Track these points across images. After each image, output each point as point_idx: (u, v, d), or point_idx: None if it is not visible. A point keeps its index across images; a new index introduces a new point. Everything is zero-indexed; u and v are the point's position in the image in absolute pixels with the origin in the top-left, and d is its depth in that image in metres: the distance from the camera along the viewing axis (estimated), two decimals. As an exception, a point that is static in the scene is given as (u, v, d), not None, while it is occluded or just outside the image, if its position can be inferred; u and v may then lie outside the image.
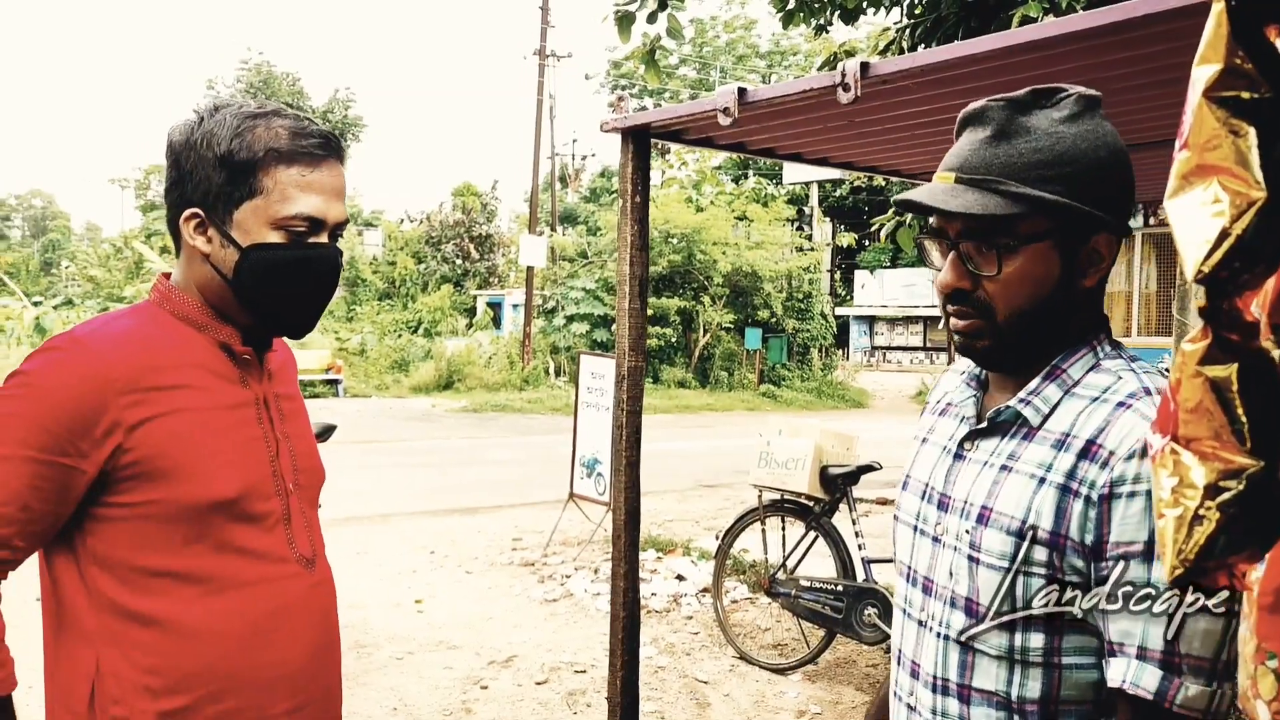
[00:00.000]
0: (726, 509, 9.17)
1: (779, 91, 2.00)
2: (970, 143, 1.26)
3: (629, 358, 2.26)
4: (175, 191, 1.50)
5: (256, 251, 1.46)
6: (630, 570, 2.25)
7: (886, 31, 6.43)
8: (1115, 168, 1.23)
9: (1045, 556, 1.20)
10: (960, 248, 1.26)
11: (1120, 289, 13.02)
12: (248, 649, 1.47)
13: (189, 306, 1.52)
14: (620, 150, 2.32)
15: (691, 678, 5.02)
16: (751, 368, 25.31)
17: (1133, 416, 1.18)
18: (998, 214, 1.20)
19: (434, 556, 7.42)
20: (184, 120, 1.51)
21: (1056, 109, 1.24)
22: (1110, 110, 2.34)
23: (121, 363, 1.39)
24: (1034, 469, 1.23)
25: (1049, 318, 1.26)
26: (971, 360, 1.35)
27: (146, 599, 1.42)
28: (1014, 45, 1.77)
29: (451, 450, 13.97)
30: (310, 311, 1.55)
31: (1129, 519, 1.14)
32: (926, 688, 1.33)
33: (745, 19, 40.25)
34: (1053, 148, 1.21)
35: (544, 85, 27.20)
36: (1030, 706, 1.22)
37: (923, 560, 1.36)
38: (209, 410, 1.48)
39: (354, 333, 28.41)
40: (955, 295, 1.28)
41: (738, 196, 29.13)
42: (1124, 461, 1.16)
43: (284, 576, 1.52)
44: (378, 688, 4.76)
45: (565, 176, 42.36)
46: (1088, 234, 1.23)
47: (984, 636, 1.25)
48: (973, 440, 1.33)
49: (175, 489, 1.41)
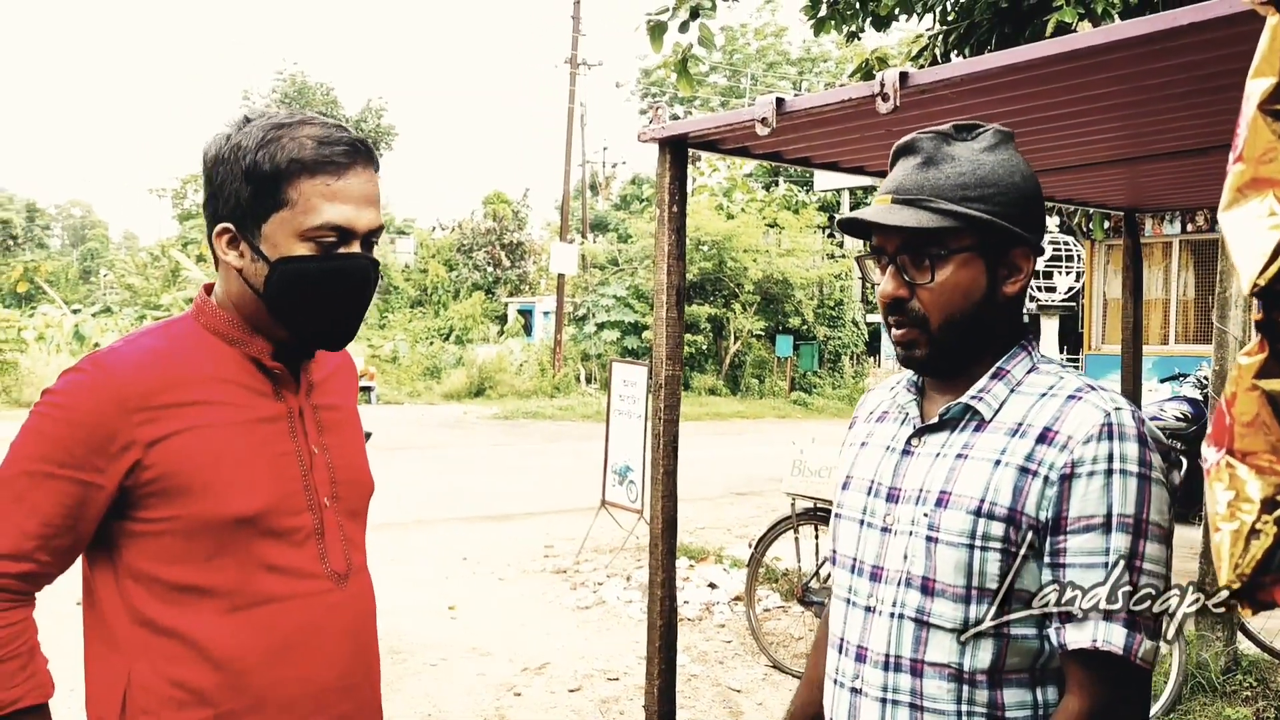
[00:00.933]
0: (758, 517, 9.15)
1: (817, 101, 2.00)
2: (903, 169, 1.43)
3: (666, 366, 2.26)
4: (209, 206, 1.50)
5: (285, 265, 1.45)
6: (668, 579, 2.25)
7: (919, 38, 6.40)
8: (1028, 191, 1.40)
9: (1001, 531, 1.32)
10: (898, 260, 1.41)
11: (1157, 296, 12.86)
12: (274, 665, 1.46)
13: (221, 320, 1.52)
14: (657, 160, 2.33)
15: (724, 686, 5.00)
16: (782, 375, 25.23)
17: (1085, 407, 1.33)
18: (929, 227, 1.36)
19: (467, 563, 7.45)
20: (216, 134, 1.50)
21: (977, 140, 1.42)
22: (1153, 118, 2.33)
23: (136, 382, 1.40)
24: (991, 454, 1.36)
25: (977, 324, 1.41)
26: (912, 369, 1.49)
27: (174, 612, 1.43)
28: (1055, 54, 1.75)
29: (483, 457, 14.03)
30: (346, 322, 1.52)
31: (1090, 494, 1.29)
32: (876, 667, 1.42)
33: (776, 26, 40.18)
34: (974, 172, 1.38)
35: (575, 93, 27.32)
36: (980, 676, 1.34)
37: (870, 550, 1.46)
38: (235, 425, 1.47)
39: (386, 340, 28.60)
40: (893, 305, 1.42)
41: (769, 204, 29.07)
42: (1082, 445, 1.30)
43: (313, 593, 1.50)
44: (412, 694, 4.79)
45: (596, 184, 42.47)
46: (1007, 248, 1.39)
47: (939, 611, 1.36)
48: (920, 437, 1.46)
49: (195, 505, 1.41)
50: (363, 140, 1.51)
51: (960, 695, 1.35)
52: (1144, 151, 2.66)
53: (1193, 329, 12.90)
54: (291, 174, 1.43)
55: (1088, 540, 1.28)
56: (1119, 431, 1.30)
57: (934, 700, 1.36)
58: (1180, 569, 6.99)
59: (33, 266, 35.00)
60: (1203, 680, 4.58)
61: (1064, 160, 2.68)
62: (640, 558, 7.42)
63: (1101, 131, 2.39)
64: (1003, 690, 1.34)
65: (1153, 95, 2.08)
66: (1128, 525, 1.28)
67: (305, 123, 1.47)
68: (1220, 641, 4.67)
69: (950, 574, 1.35)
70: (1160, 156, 2.68)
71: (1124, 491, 1.29)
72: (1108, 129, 2.39)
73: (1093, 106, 2.18)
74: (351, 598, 1.57)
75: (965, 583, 1.34)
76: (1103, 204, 3.50)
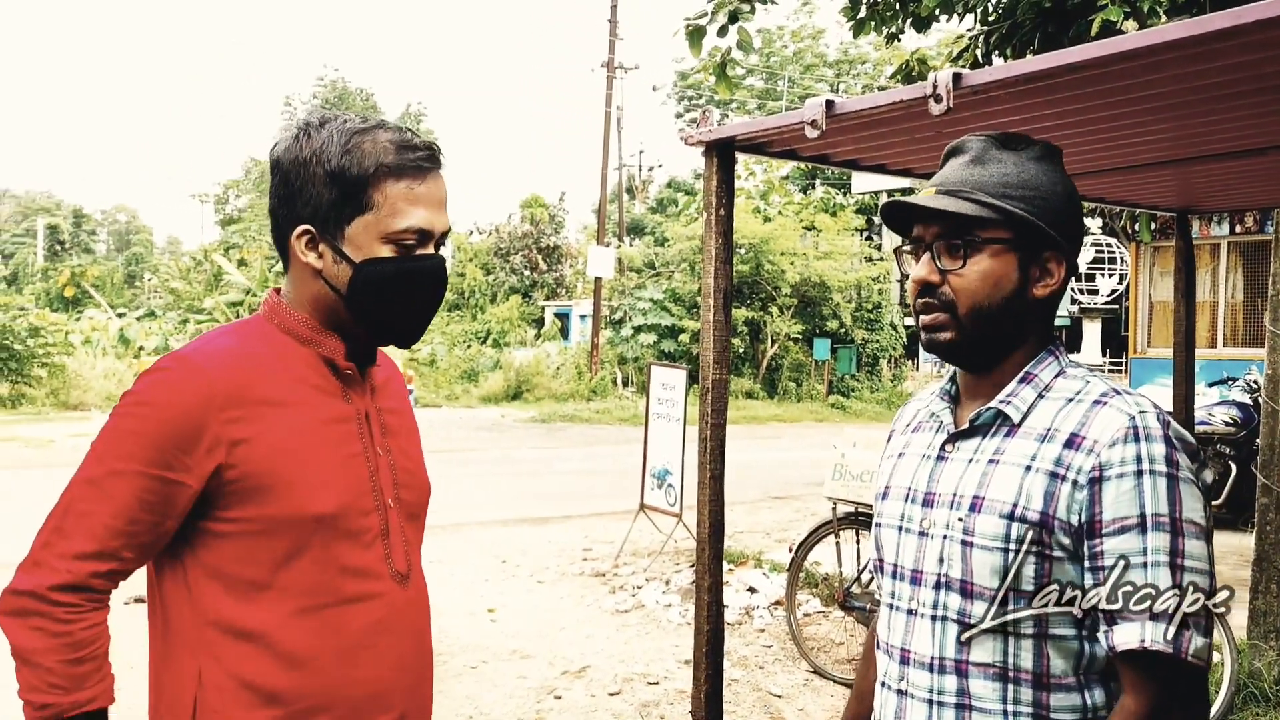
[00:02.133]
0: (797, 521, 9.10)
1: (868, 103, 1.99)
2: (952, 166, 1.49)
3: (713, 370, 2.25)
4: (285, 208, 1.51)
5: (370, 266, 1.48)
6: (714, 583, 2.24)
7: (960, 39, 6.34)
8: (1068, 203, 1.45)
9: (1035, 535, 1.35)
10: (934, 248, 1.45)
11: (1205, 299, 12.64)
12: (344, 665, 1.47)
13: (295, 321, 1.53)
14: (704, 163, 2.32)
15: (765, 691, 4.98)
16: (820, 378, 25.10)
17: (1110, 411, 1.36)
18: (967, 214, 1.41)
19: (506, 566, 7.47)
20: (287, 136, 1.51)
21: (1026, 151, 1.47)
22: (1207, 118, 2.29)
23: (224, 379, 1.42)
24: (1021, 459, 1.39)
25: (1004, 318, 1.44)
26: (936, 354, 1.50)
27: (247, 612, 1.43)
28: (1111, 54, 1.73)
29: (521, 460, 14.08)
30: (421, 320, 1.57)
31: (1122, 497, 1.31)
32: (922, 669, 1.44)
33: (813, 28, 40.04)
34: (1019, 174, 1.43)
35: (611, 97, 27.36)
36: (1024, 675, 1.36)
37: (909, 555, 1.49)
38: (312, 426, 1.48)
39: (424, 343, 28.79)
40: (924, 290, 1.46)
41: (805, 206, 28.95)
42: (1108, 448, 1.33)
43: (381, 593, 1.52)
44: (454, 696, 4.81)
45: (632, 188, 42.51)
46: (1041, 250, 1.43)
47: (978, 613, 1.38)
48: (954, 443, 1.49)
49: (276, 504, 1.42)
50: (436, 145, 1.54)
51: (1006, 695, 1.37)
52: (1197, 152, 2.62)
53: (1241, 332, 12.67)
54: (379, 178, 1.46)
55: (1124, 542, 1.30)
56: (1144, 433, 1.33)
57: (980, 700, 1.39)
58: (1231, 576, 6.88)
59: (79, 271, 35.61)
60: (1255, 690, 4.49)
61: (1116, 161, 2.64)
62: (679, 561, 7.41)
63: (1154, 132, 2.35)
64: (1050, 693, 1.36)
65: (1208, 95, 2.04)
66: (1164, 524, 1.30)
67: (382, 128, 1.50)
68: (1273, 651, 4.58)
69: (985, 576, 1.37)
70: (1214, 157, 2.64)
71: (1154, 491, 1.30)
72: (1161, 129, 2.35)
73: (1146, 107, 2.14)
74: (413, 598, 1.59)
75: (1000, 584, 1.37)
76: (1154, 205, 3.44)
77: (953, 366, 1.55)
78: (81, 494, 1.40)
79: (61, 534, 1.39)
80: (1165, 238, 11.38)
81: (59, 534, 1.39)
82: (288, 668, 1.44)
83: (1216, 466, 7.92)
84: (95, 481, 1.39)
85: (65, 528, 1.39)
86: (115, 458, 1.39)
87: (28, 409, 19.36)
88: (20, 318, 21.37)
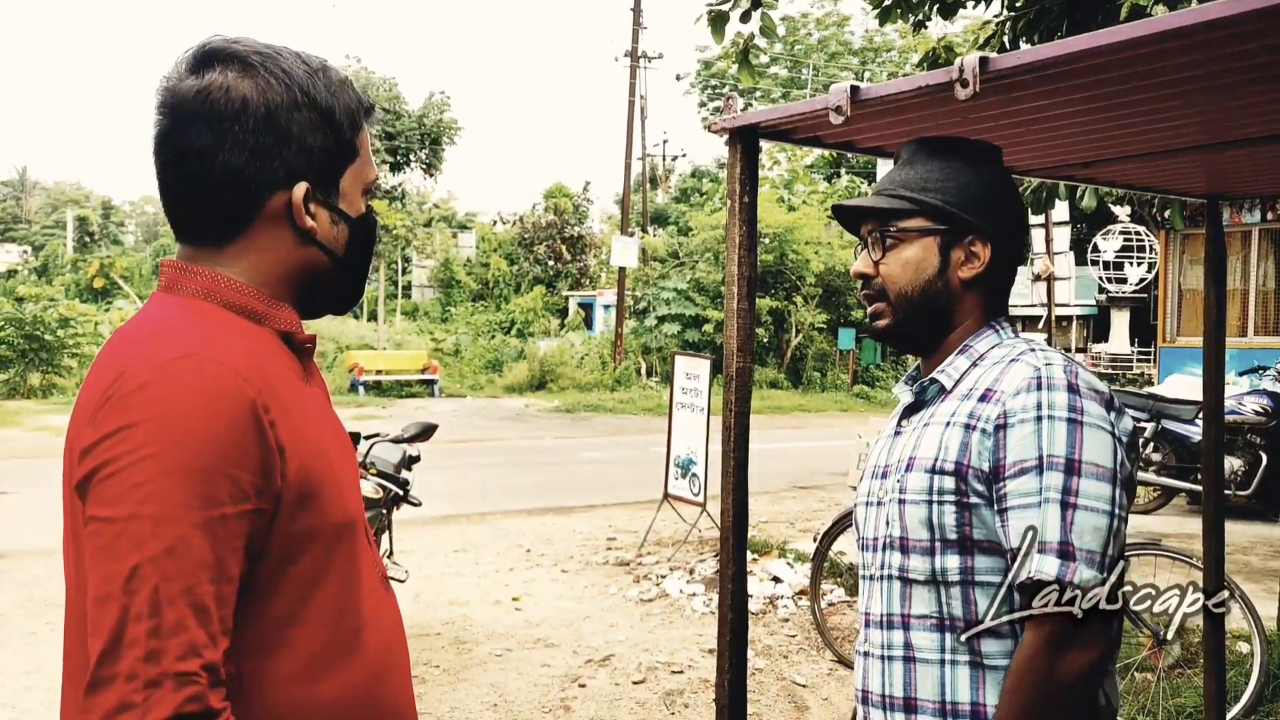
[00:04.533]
0: (821, 511, 9.07)
1: (893, 89, 1.96)
2: (889, 171, 1.67)
3: (737, 358, 2.24)
4: (266, 161, 1.18)
5: (363, 223, 1.29)
6: (738, 572, 2.23)
7: (987, 25, 6.27)
8: (995, 190, 1.59)
9: (952, 485, 1.44)
10: (868, 241, 1.62)
11: (1236, 287, 12.48)
12: (371, 705, 1.22)
13: (248, 295, 1.21)
14: (728, 151, 2.30)
15: (789, 681, 4.98)
16: (844, 368, 25.01)
17: (1020, 365, 1.46)
18: (885, 209, 1.59)
19: (530, 555, 7.50)
20: (246, 70, 1.18)
21: (954, 151, 1.62)
22: (1241, 101, 2.25)
23: (249, 369, 1.11)
24: (945, 418, 1.50)
25: (929, 300, 1.57)
26: (878, 340, 1.68)
27: (266, 661, 1.12)
28: (1144, 36, 1.69)
29: (545, 450, 14.12)
30: (365, 280, 1.40)
31: (1022, 441, 1.39)
32: (877, 628, 1.54)
33: (838, 16, 39.78)
34: (941, 169, 1.59)
35: (635, 87, 27.30)
36: (959, 623, 1.45)
37: (869, 526, 1.59)
38: (311, 415, 1.21)
39: (449, 333, 28.92)
40: (862, 282, 1.63)
41: (830, 195, 28.80)
42: (1011, 397, 1.42)
43: (383, 604, 1.28)
44: (478, 684, 4.83)
45: (656, 177, 42.43)
46: (962, 235, 1.56)
47: (914, 566, 1.48)
48: (906, 417, 1.62)
49: (316, 516, 1.15)
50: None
51: (944, 644, 1.46)
52: (1230, 136, 2.57)
53: (1272, 320, 12.51)
54: (362, 120, 1.27)
55: (1023, 483, 1.38)
56: (1047, 383, 1.40)
57: (921, 651, 1.47)
58: (1262, 567, 6.78)
59: (108, 262, 35.95)
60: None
61: (1147, 146, 2.60)
62: (703, 551, 7.41)
63: (1186, 115, 2.31)
64: (981, 639, 1.43)
65: (1244, 77, 2.00)
66: (1057, 464, 1.36)
67: (325, 62, 1.27)
68: (1305, 643, 4.52)
69: (917, 529, 1.47)
70: (1248, 142, 2.59)
71: (1052, 434, 1.37)
72: (1193, 112, 2.31)
73: (1178, 90, 2.10)
74: (396, 602, 1.36)
75: (929, 536, 1.46)
76: (1184, 191, 3.39)
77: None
78: (164, 570, 1.00)
79: (163, 632, 0.99)
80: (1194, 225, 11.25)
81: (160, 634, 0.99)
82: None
83: (1246, 456, 7.83)
84: (172, 549, 1.01)
85: (167, 622, 0.99)
86: (187, 507, 1.02)
87: (58, 399, 19.62)
88: (50, 308, 21.69)
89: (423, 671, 4.95)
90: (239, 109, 1.16)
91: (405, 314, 33.75)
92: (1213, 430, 3.37)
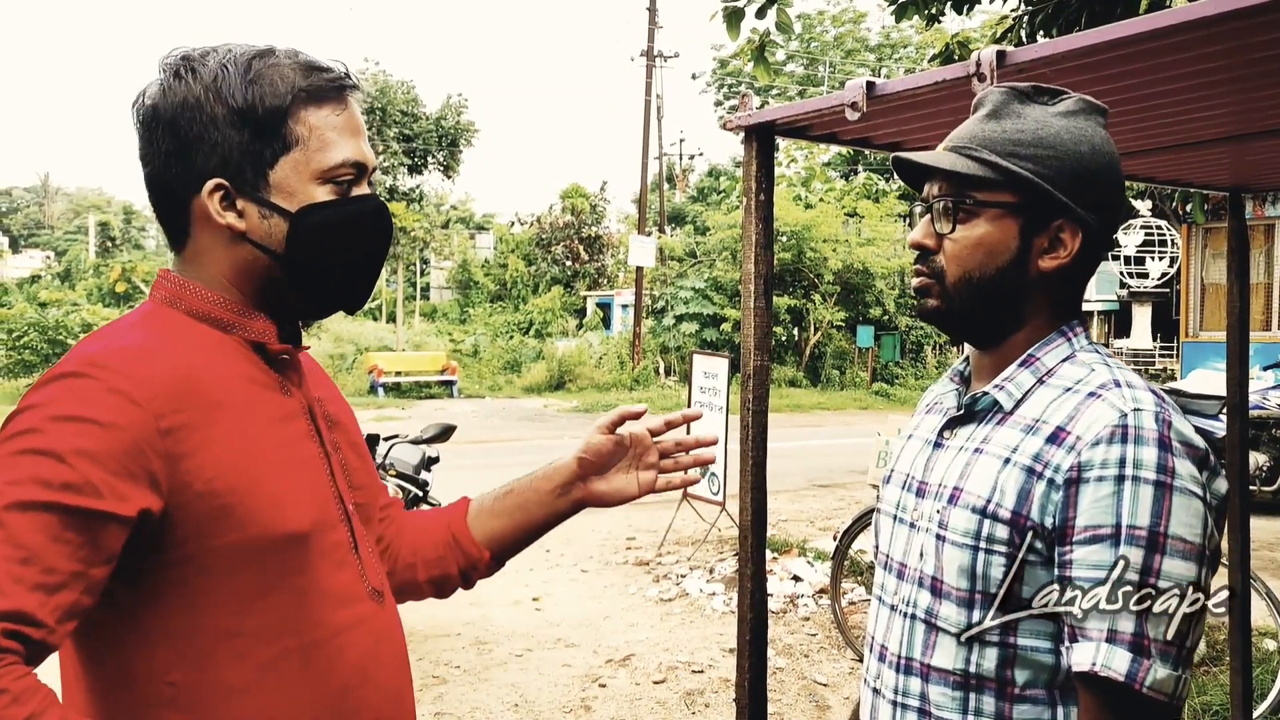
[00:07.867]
0: (840, 509, 9.04)
1: (909, 84, 1.95)
2: (969, 121, 1.35)
3: (755, 356, 2.23)
4: (179, 166, 1.21)
5: (311, 214, 1.22)
6: (757, 571, 2.22)
7: (1004, 20, 6.24)
8: (1093, 164, 1.29)
9: (1006, 535, 1.23)
10: (934, 208, 1.33)
11: (1259, 281, 12.36)
12: (337, 714, 1.22)
13: (210, 303, 1.23)
14: (744, 148, 2.30)
15: (810, 680, 4.96)
16: (864, 366, 24.93)
17: (1102, 405, 1.21)
18: (964, 173, 1.29)
19: (550, 555, 7.51)
20: (162, 78, 1.22)
21: (1054, 104, 1.32)
22: (1266, 92, 2.22)
23: (153, 382, 1.11)
24: (1003, 451, 1.27)
25: (998, 293, 1.32)
26: (924, 320, 1.41)
27: (212, 676, 1.14)
28: (1163, 27, 1.68)
29: (564, 449, 14.11)
30: (370, 276, 1.31)
31: (1098, 502, 1.16)
32: (891, 669, 1.36)
33: (854, 12, 39.63)
34: (1035, 131, 1.28)
35: (651, 86, 27.30)
36: (987, 684, 1.25)
37: (899, 546, 1.40)
38: (260, 427, 1.20)
39: (467, 334, 29.00)
40: (920, 255, 1.36)
41: (848, 193, 28.72)
42: (1090, 447, 1.18)
43: (364, 618, 1.27)
44: (499, 684, 4.84)
45: (673, 176, 42.42)
46: (1050, 217, 1.29)
47: (945, 613, 1.28)
48: (951, 428, 1.38)
49: (241, 528, 1.14)
50: (343, 63, 1.31)
51: (966, 704, 1.27)
52: (1253, 128, 2.54)
53: (1297, 315, 12.38)
54: (297, 106, 1.22)
55: (1094, 553, 1.16)
56: (1134, 434, 1.17)
57: (939, 707, 1.29)
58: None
59: (130, 267, 36.17)
60: (1314, 681, 4.38)
61: (1170, 139, 2.57)
62: (722, 550, 7.40)
63: (1209, 107, 2.29)
64: (1012, 704, 1.25)
65: (1265, 68, 1.98)
66: (1140, 538, 1.14)
67: (273, 51, 1.25)
68: (1333, 640, 4.47)
69: (954, 575, 1.27)
70: (1272, 133, 2.56)
71: (1135, 500, 1.15)
72: (1215, 104, 2.29)
73: (1200, 81, 2.08)
74: (391, 617, 1.34)
75: (969, 586, 1.26)
76: (1207, 184, 3.36)
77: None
78: None
79: None
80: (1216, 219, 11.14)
81: None
82: None
83: (1271, 451, 7.75)
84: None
85: None
86: (18, 486, 1.02)
87: (82, 402, 19.76)
88: (73, 313, 21.89)
89: (444, 672, 4.97)
90: (149, 118, 1.22)
91: (424, 315, 33.88)
92: (1237, 425, 3.35)
